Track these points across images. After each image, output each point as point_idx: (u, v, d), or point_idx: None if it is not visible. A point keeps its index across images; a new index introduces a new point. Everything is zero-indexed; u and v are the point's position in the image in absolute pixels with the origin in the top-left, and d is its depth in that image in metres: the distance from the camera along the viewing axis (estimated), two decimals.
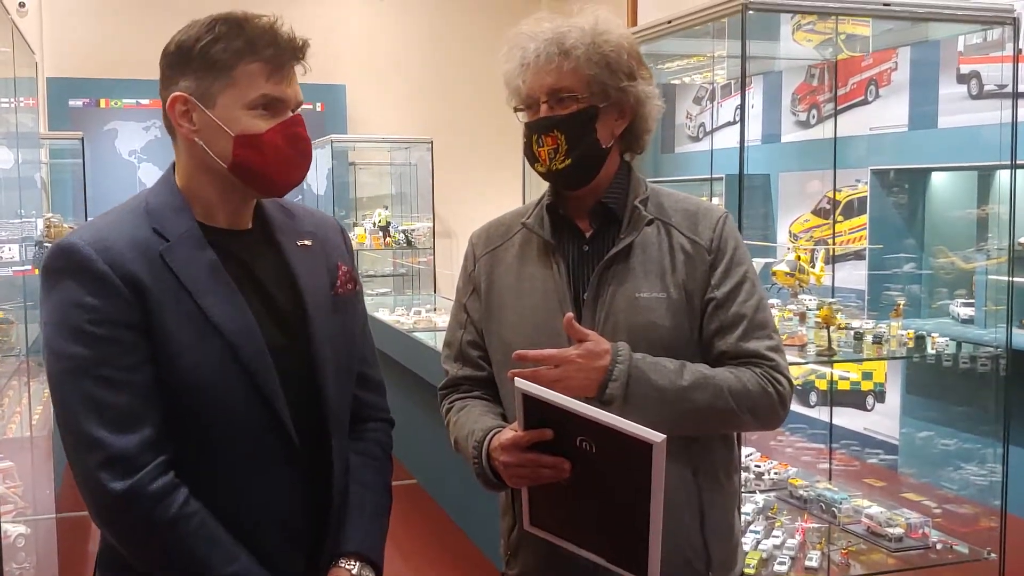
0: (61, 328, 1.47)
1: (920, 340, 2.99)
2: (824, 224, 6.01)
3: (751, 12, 2.50)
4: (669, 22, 2.76)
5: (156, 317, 1.48)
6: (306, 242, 1.69)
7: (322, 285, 1.68)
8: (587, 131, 1.77)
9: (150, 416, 1.47)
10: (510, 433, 1.66)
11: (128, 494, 1.44)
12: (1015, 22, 2.86)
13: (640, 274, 1.78)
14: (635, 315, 1.76)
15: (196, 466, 1.51)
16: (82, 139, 7.63)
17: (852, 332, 2.99)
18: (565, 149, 1.76)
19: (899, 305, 3.14)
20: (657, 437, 1.47)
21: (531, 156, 1.81)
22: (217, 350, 1.51)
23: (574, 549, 1.69)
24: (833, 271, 3.80)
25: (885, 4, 2.72)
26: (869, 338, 2.95)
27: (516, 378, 1.59)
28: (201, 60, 1.52)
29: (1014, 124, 2.91)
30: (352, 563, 1.64)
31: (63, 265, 1.48)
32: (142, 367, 1.47)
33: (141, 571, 1.52)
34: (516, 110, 1.83)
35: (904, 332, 3.00)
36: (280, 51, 1.54)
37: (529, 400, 1.57)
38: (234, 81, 1.53)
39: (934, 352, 3.04)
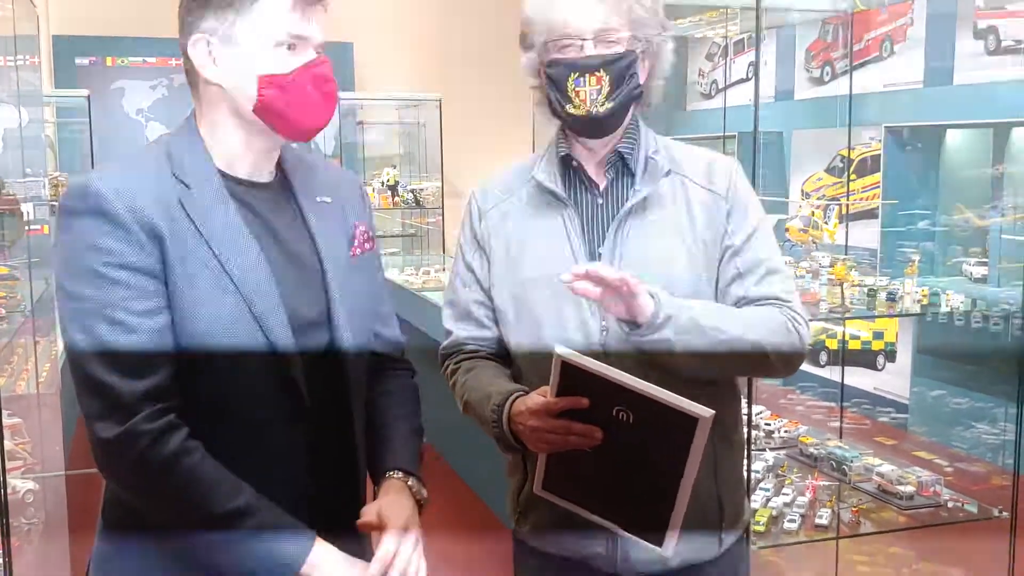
0: (75, 269, 1.44)
1: (935, 298, 2.95)
2: (837, 182, 5.97)
3: None
4: None
5: (171, 264, 1.46)
6: (326, 199, 1.66)
7: (340, 243, 1.65)
8: (631, 75, 1.72)
9: (160, 364, 1.44)
10: (539, 398, 1.62)
11: (123, 437, 1.41)
12: None
13: (658, 226, 1.76)
14: (654, 267, 1.73)
15: (203, 417, 1.49)
16: (88, 97, 7.59)
17: (865, 289, 2.96)
18: (608, 92, 1.70)
19: (913, 262, 3.10)
20: (705, 412, 1.46)
21: (564, 97, 1.72)
22: (231, 301, 1.48)
23: (586, 515, 1.68)
24: (847, 228, 3.76)
25: None
26: (883, 295, 2.92)
27: (556, 345, 1.55)
28: None
29: None
30: (398, 473, 1.63)
31: (81, 206, 1.45)
32: (155, 314, 1.44)
33: (149, 517, 1.50)
34: (528, 48, 1.76)
35: (918, 290, 2.96)
36: None
37: (567, 367, 1.54)
38: (255, 17, 1.48)
39: (948, 310, 3.00)
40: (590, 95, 1.70)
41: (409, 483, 1.63)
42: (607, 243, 1.76)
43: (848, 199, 4.87)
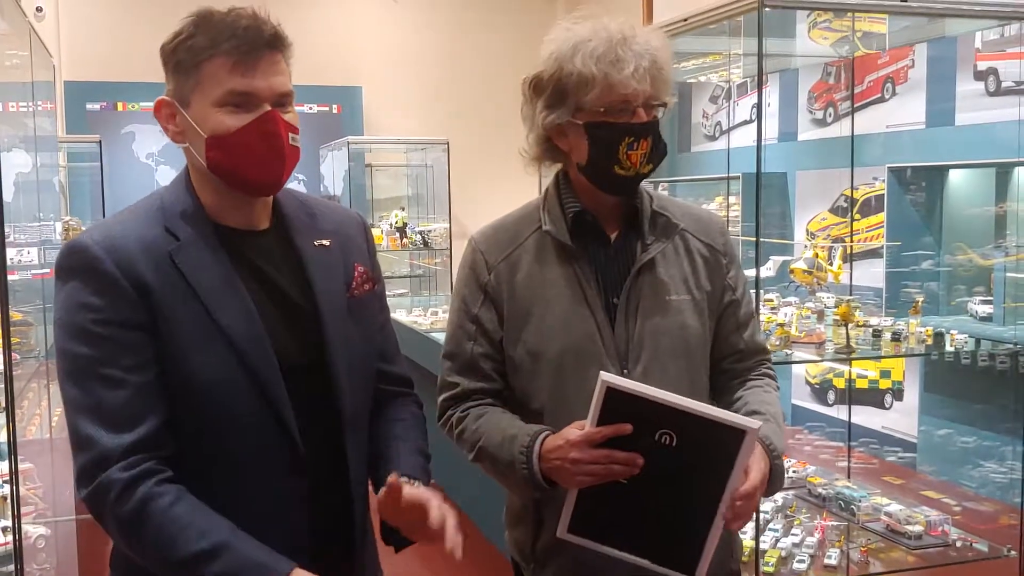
0: (67, 327, 1.48)
1: (939, 337, 2.98)
2: (841, 222, 6.00)
3: (767, 9, 2.49)
4: (685, 20, 2.76)
5: (162, 319, 1.48)
6: (324, 242, 1.66)
7: (338, 287, 1.65)
8: (661, 137, 1.80)
9: (148, 416, 1.46)
10: (576, 431, 1.64)
11: (98, 488, 1.43)
12: None
13: (666, 277, 1.83)
14: (668, 316, 1.82)
15: (198, 471, 1.50)
16: (99, 142, 7.68)
17: (871, 330, 2.98)
18: (649, 154, 1.78)
19: (917, 302, 3.13)
20: (754, 424, 1.51)
21: (614, 159, 1.77)
22: (223, 353, 1.49)
23: (615, 554, 1.68)
24: (851, 269, 3.80)
25: (903, 1, 2.71)
26: (888, 335, 2.94)
27: (601, 371, 1.59)
28: (174, 63, 1.52)
29: None
30: (403, 478, 1.57)
31: (72, 264, 1.49)
32: (144, 368, 1.47)
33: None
34: (591, 107, 1.77)
35: (923, 329, 2.99)
36: (241, 42, 1.49)
37: (612, 393, 1.56)
38: (201, 79, 1.50)
39: (953, 349, 3.02)
40: (641, 158, 1.76)
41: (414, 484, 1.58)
42: (623, 295, 1.81)
43: (852, 239, 4.90)
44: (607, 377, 1.56)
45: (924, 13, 2.88)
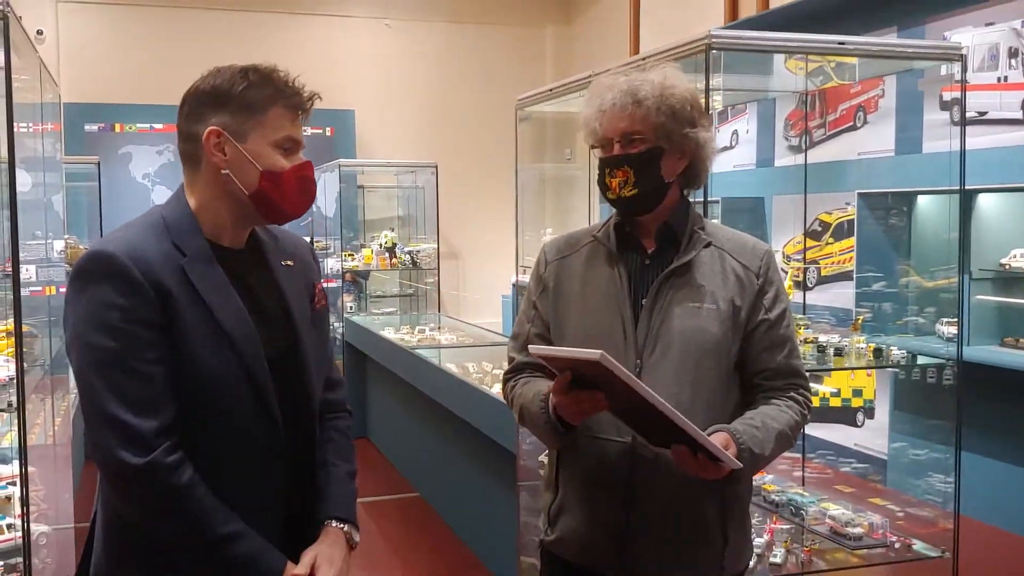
0: (94, 324, 1.69)
1: (878, 352, 3.20)
2: (816, 245, 6.23)
3: (714, 51, 2.74)
4: (644, 59, 2.99)
5: (176, 320, 1.72)
6: (289, 262, 1.96)
7: (303, 299, 1.95)
8: (653, 167, 2.06)
9: (166, 405, 1.71)
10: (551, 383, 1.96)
11: (147, 467, 1.66)
12: (962, 58, 3.08)
13: (695, 287, 2.07)
14: (688, 320, 2.05)
15: (197, 451, 1.74)
16: (98, 163, 7.87)
17: (816, 346, 3.20)
18: (633, 181, 2.05)
19: (858, 320, 3.35)
20: (595, 353, 1.72)
21: (603, 186, 2.10)
22: (225, 353, 1.75)
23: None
24: (804, 290, 4.02)
25: (840, 43, 2.95)
26: (831, 351, 3.16)
27: (530, 346, 1.92)
28: (239, 101, 1.78)
29: (963, 152, 3.13)
30: (338, 523, 1.91)
31: (98, 269, 1.71)
32: (162, 363, 1.71)
33: (156, 537, 1.74)
34: (592, 147, 2.13)
35: (864, 346, 3.21)
36: (301, 100, 1.83)
37: (545, 360, 1.89)
38: (264, 121, 1.79)
39: (892, 363, 3.24)
40: (619, 184, 2.06)
41: (345, 529, 1.91)
42: (649, 297, 2.08)
43: (805, 259, 5.11)
44: (533, 348, 1.92)
45: (861, 54, 3.12)
